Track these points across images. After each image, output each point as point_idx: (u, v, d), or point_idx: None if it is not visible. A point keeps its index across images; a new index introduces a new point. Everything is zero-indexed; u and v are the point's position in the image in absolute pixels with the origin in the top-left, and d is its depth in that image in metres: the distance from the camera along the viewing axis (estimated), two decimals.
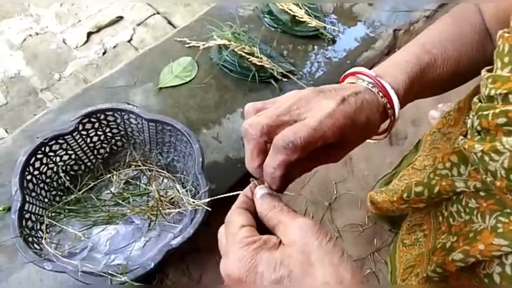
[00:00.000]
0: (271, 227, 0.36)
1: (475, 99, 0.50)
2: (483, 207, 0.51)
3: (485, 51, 0.53)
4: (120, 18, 1.84)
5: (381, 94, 0.44)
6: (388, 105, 0.45)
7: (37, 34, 1.76)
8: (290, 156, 0.37)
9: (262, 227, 0.37)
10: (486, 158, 0.44)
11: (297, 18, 1.19)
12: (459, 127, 0.69)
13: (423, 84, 0.50)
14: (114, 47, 1.76)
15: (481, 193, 0.51)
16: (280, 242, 0.34)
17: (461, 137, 0.51)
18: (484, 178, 0.49)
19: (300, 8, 1.20)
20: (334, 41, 1.22)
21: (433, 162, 0.74)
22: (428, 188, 0.60)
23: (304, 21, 1.18)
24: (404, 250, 0.75)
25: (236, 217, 0.36)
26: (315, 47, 1.21)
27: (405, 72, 0.47)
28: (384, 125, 0.48)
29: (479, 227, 0.51)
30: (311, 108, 0.39)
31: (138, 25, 1.83)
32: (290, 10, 1.19)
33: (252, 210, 0.38)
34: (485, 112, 0.45)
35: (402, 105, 0.47)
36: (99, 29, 1.80)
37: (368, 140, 0.51)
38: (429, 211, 0.68)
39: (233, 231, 0.34)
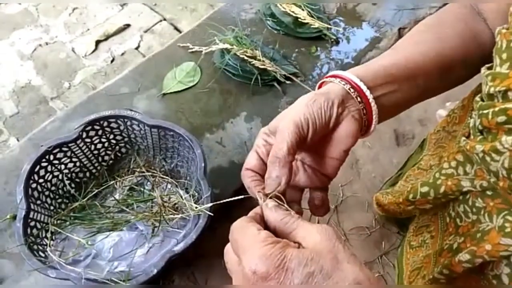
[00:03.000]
0: (286, 235, 0.36)
1: (477, 98, 0.49)
2: (490, 206, 0.50)
3: (478, 41, 0.52)
4: (127, 25, 1.87)
5: (343, 82, 0.46)
6: (352, 90, 0.46)
7: (46, 43, 1.80)
8: (287, 159, 0.41)
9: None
10: (488, 159, 0.43)
11: (299, 19, 1.18)
12: (464, 126, 0.68)
13: (399, 73, 0.49)
14: (122, 54, 1.78)
15: (488, 192, 0.50)
16: (299, 246, 0.34)
17: (464, 138, 0.50)
18: (488, 178, 0.48)
19: (303, 9, 1.19)
20: (338, 42, 1.21)
21: (438, 162, 0.72)
22: (434, 188, 0.59)
23: (307, 23, 1.18)
24: (411, 252, 0.73)
25: (250, 223, 0.36)
26: (319, 48, 1.20)
27: (366, 66, 0.49)
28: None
29: (486, 227, 0.50)
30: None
31: (145, 32, 1.85)
32: (293, 12, 1.18)
33: (261, 225, 0.38)
34: (486, 111, 0.44)
35: (380, 98, 0.47)
36: (107, 37, 1.82)
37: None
38: (436, 213, 0.67)
39: (253, 233, 0.34)
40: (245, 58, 1.08)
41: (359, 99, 0.45)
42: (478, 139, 0.47)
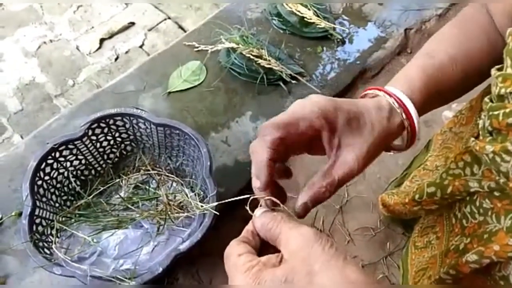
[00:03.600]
0: (273, 242, 0.36)
1: (486, 99, 0.48)
2: (498, 207, 0.50)
3: (496, 50, 0.52)
4: (132, 24, 1.86)
5: (387, 96, 0.44)
6: (397, 104, 0.44)
7: (51, 41, 1.80)
8: (273, 135, 0.38)
9: (264, 251, 0.37)
10: (498, 159, 0.43)
11: (305, 19, 1.18)
12: (471, 127, 0.68)
13: (433, 86, 0.49)
14: (126, 52, 1.78)
15: (496, 193, 0.50)
16: (281, 258, 0.34)
17: (472, 138, 0.50)
18: (498, 179, 0.48)
19: (309, 9, 1.19)
20: (343, 42, 1.21)
21: (444, 162, 0.72)
22: (441, 189, 0.58)
23: (313, 22, 1.17)
24: (416, 253, 0.73)
25: (232, 249, 0.36)
26: (324, 48, 1.20)
27: (407, 78, 0.47)
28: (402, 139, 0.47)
29: (494, 228, 0.50)
30: (301, 103, 0.41)
31: (150, 30, 1.85)
32: (299, 11, 1.18)
33: (252, 243, 0.38)
34: (496, 112, 0.44)
35: (417, 109, 0.46)
36: (111, 35, 1.82)
37: (389, 153, 0.50)
38: (442, 213, 0.67)
39: (233, 262, 0.35)
40: (251, 57, 1.08)
41: (403, 115, 0.45)
42: (488, 140, 0.47)
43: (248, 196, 0.47)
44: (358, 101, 0.43)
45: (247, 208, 0.40)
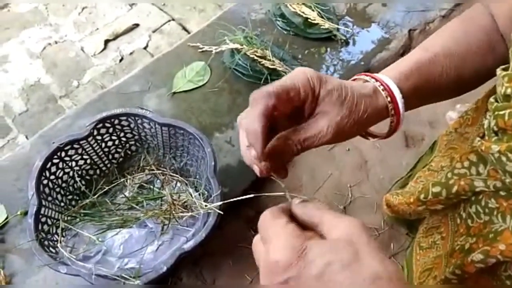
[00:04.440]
0: (313, 227, 0.36)
1: (492, 99, 0.48)
2: (504, 207, 0.50)
3: (495, 52, 0.52)
4: (136, 25, 1.87)
5: (368, 78, 0.45)
6: (382, 87, 0.45)
7: (56, 42, 1.81)
8: (266, 103, 0.39)
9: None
10: (503, 159, 0.43)
11: (309, 20, 1.18)
12: (477, 127, 0.68)
13: (424, 77, 0.49)
14: (131, 54, 1.79)
15: (501, 193, 0.50)
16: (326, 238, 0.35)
17: (478, 138, 0.50)
18: (503, 179, 0.48)
19: (313, 10, 1.19)
20: (347, 43, 1.21)
21: (450, 163, 0.72)
22: (446, 188, 0.58)
23: (317, 23, 1.18)
24: (420, 253, 0.73)
25: (279, 214, 0.36)
26: (328, 49, 1.20)
27: (397, 67, 0.48)
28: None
29: (499, 228, 0.49)
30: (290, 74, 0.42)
31: (154, 32, 1.86)
32: (303, 12, 1.19)
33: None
34: (502, 112, 0.44)
35: (405, 98, 0.46)
36: (116, 37, 1.83)
37: (370, 139, 0.51)
38: (447, 214, 0.66)
39: (281, 225, 0.35)
40: (255, 58, 1.09)
41: (388, 99, 0.45)
42: (493, 140, 0.47)
43: (252, 196, 0.47)
44: (344, 80, 0.44)
45: (286, 194, 0.40)
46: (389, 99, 0.45)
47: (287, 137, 0.42)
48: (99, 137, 0.86)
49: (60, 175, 0.84)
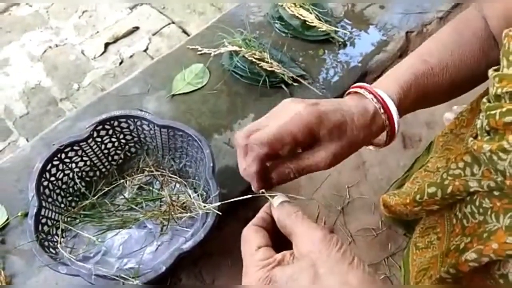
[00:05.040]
0: (287, 235, 0.39)
1: (484, 100, 0.49)
2: (497, 206, 0.50)
3: (488, 57, 0.53)
4: (136, 28, 1.88)
5: (375, 100, 0.46)
6: (382, 110, 0.46)
7: (56, 46, 1.82)
8: (259, 151, 0.41)
9: (280, 237, 0.40)
10: (495, 158, 0.44)
11: (307, 23, 1.19)
12: (472, 128, 0.68)
13: (421, 92, 0.51)
14: (131, 56, 1.80)
15: (495, 193, 0.51)
16: (294, 257, 0.37)
17: (471, 138, 0.51)
18: (496, 178, 0.48)
19: (310, 12, 1.21)
20: (345, 45, 1.22)
21: (446, 164, 0.73)
22: (441, 189, 0.59)
23: (315, 26, 1.19)
24: (417, 253, 0.74)
25: (252, 237, 0.40)
26: (326, 51, 1.21)
27: (398, 84, 0.49)
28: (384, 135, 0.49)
29: (493, 227, 0.50)
30: (284, 112, 0.43)
31: (154, 34, 1.87)
32: (301, 15, 1.20)
33: (269, 227, 0.42)
34: (493, 112, 0.45)
35: (401, 113, 0.48)
36: (116, 40, 1.84)
37: (367, 147, 0.52)
38: (443, 214, 0.67)
39: (250, 252, 0.38)
40: (253, 60, 1.10)
41: (387, 121, 0.46)
42: (485, 139, 0.47)
43: (250, 196, 0.48)
44: (343, 105, 0.45)
45: (266, 195, 0.43)
46: (387, 122, 0.46)
47: (286, 165, 0.44)
48: (98, 139, 0.87)
49: (60, 176, 0.85)
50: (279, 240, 0.40)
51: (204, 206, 0.74)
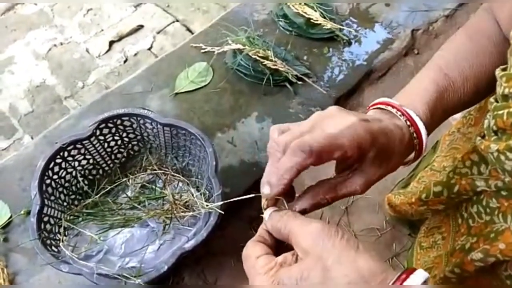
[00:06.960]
0: (286, 240, 0.38)
1: (491, 99, 0.48)
2: (505, 206, 0.50)
3: (505, 62, 0.52)
4: (140, 26, 1.88)
5: (408, 123, 0.44)
6: (415, 135, 0.44)
7: (61, 44, 1.82)
8: (304, 160, 0.37)
9: (283, 249, 0.39)
10: (502, 158, 0.43)
11: (312, 20, 1.18)
12: (480, 127, 0.67)
13: (444, 109, 0.49)
14: (135, 55, 1.79)
15: (503, 193, 0.50)
16: (297, 256, 0.36)
17: (478, 137, 0.50)
18: (503, 178, 0.48)
19: (315, 10, 1.19)
20: (350, 43, 1.21)
21: (452, 163, 0.72)
22: (448, 188, 0.58)
23: (319, 24, 1.18)
24: (421, 253, 0.73)
25: (250, 251, 0.38)
26: (331, 49, 1.20)
27: (425, 102, 0.47)
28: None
29: (500, 228, 0.49)
30: (333, 121, 0.39)
31: (158, 33, 1.87)
32: (305, 13, 1.19)
33: (268, 242, 0.39)
34: (500, 112, 0.44)
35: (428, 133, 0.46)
36: (120, 38, 1.84)
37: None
38: (448, 214, 0.66)
39: (251, 264, 0.37)
40: (257, 58, 1.09)
41: (417, 144, 0.45)
42: (493, 139, 0.47)
43: (253, 195, 0.47)
44: (387, 130, 0.42)
45: (262, 215, 0.41)
46: (417, 146, 0.45)
47: (318, 193, 0.41)
48: (101, 137, 0.87)
49: (63, 175, 0.85)
50: (281, 252, 0.38)
51: (207, 205, 0.73)
